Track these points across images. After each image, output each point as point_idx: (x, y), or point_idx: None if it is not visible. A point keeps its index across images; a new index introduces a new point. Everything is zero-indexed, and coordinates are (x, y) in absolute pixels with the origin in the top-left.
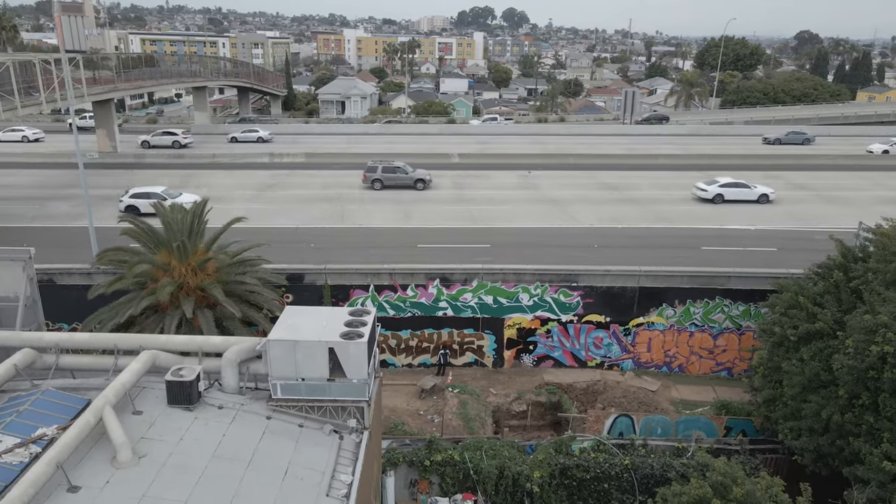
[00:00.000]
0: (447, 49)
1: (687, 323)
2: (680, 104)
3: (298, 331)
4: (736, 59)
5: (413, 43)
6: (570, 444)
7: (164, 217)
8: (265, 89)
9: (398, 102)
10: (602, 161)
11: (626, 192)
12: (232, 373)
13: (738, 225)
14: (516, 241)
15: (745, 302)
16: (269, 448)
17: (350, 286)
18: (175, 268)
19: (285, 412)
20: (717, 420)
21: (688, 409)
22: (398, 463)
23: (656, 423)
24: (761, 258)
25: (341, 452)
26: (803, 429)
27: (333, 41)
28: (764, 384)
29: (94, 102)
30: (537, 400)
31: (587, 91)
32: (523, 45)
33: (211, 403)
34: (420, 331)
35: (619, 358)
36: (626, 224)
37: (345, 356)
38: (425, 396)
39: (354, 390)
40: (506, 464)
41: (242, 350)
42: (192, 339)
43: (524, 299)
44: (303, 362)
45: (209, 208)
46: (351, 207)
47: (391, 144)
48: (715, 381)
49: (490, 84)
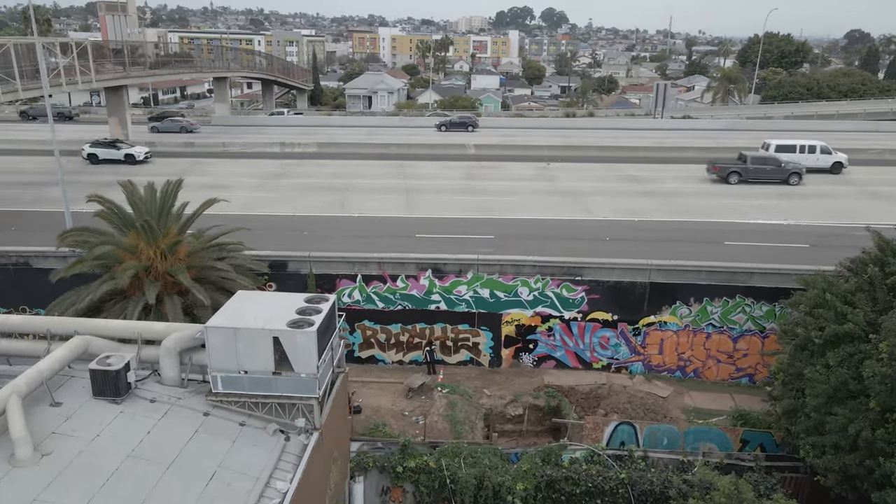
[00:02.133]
0: (482, 47)
1: (703, 323)
2: (717, 100)
3: (242, 317)
4: (781, 56)
5: (446, 40)
6: (561, 454)
7: (130, 196)
8: (290, 83)
9: (425, 98)
10: (625, 154)
11: (648, 185)
12: (171, 363)
13: (767, 219)
14: (522, 233)
15: (770, 301)
16: (198, 448)
17: (336, 275)
18: (143, 250)
19: (226, 408)
20: (731, 432)
21: (701, 418)
22: (368, 468)
23: (662, 432)
24: (791, 255)
25: (284, 456)
26: (827, 445)
27: (368, 39)
28: (784, 393)
29: (106, 90)
30: (535, 403)
31: (622, 88)
32: (560, 44)
33: (143, 396)
34: (411, 325)
35: (628, 360)
36: (644, 217)
37: (292, 347)
38: (412, 396)
39: (303, 386)
40: (486, 473)
41: (183, 338)
42: (131, 324)
43: (523, 293)
44: (245, 353)
45: (210, 197)
46: (355, 197)
47: (410, 136)
48: (734, 389)
49: (522, 81)
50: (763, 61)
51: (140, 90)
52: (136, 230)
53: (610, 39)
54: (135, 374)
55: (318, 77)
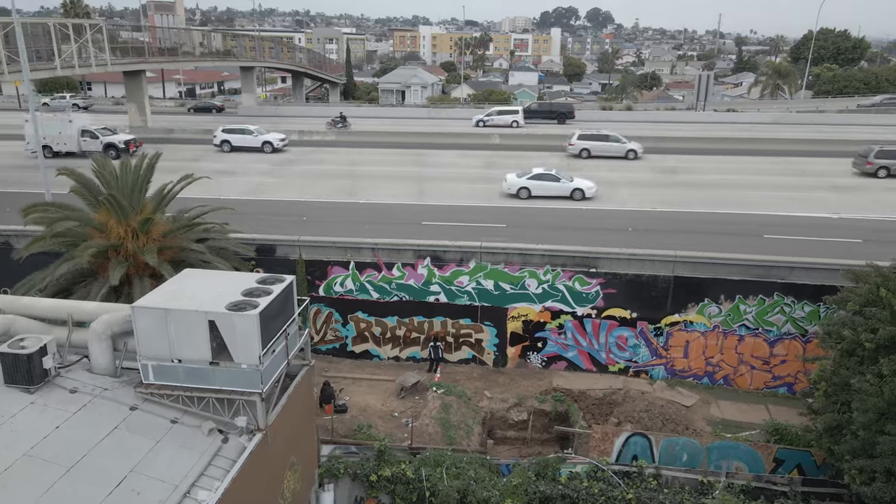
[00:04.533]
0: (522, 45)
1: (736, 324)
2: (765, 95)
3: (177, 297)
4: (836, 53)
5: (485, 37)
6: (559, 468)
7: (99, 170)
8: (321, 75)
9: (458, 92)
10: (660, 144)
11: (683, 176)
12: (100, 348)
13: (814, 212)
14: (537, 222)
15: (813, 301)
16: (113, 448)
17: (327, 262)
18: (112, 228)
19: (158, 402)
20: (763, 449)
21: (729, 431)
22: (339, 475)
23: (681, 446)
24: (839, 250)
25: (216, 460)
26: (878, 470)
27: (409, 38)
28: (826, 406)
29: (125, 75)
30: (540, 408)
31: (666, 85)
32: (604, 43)
33: (63, 386)
34: (408, 318)
35: (648, 363)
36: (675, 208)
37: (230, 333)
38: (405, 395)
39: (244, 379)
40: (470, 486)
41: (115, 320)
42: (60, 303)
43: (531, 286)
44: (178, 338)
45: (220, 183)
46: (366, 184)
47: (435, 127)
48: (769, 399)
49: (562, 78)
50: (817, 58)
51: (178, 84)
52: (106, 207)
53: (657, 40)
54: (53, 358)
55: (351, 71)
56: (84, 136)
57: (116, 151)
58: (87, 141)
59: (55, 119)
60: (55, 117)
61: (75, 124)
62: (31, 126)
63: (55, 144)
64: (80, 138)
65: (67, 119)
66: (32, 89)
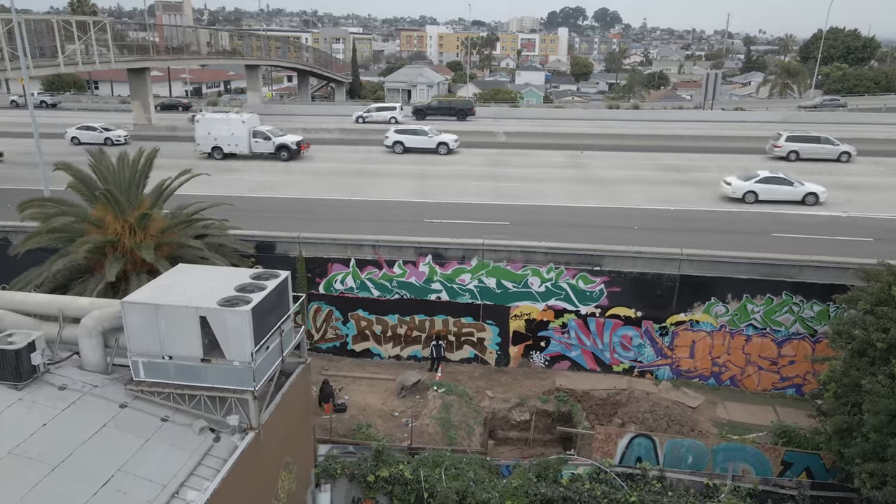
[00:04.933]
0: (529, 45)
1: (743, 324)
2: (774, 94)
3: (168, 292)
4: (846, 52)
5: (491, 37)
6: (560, 469)
7: (96, 165)
8: (326, 74)
9: (463, 91)
10: (667, 143)
11: (690, 174)
12: (91, 344)
13: (822, 211)
14: (542, 220)
15: (823, 301)
16: (101, 447)
17: (328, 259)
18: (109, 224)
19: (148, 400)
20: (771, 452)
21: (736, 433)
22: (336, 476)
23: (686, 448)
24: (849, 249)
25: (207, 459)
26: (889, 474)
27: (416, 38)
28: (836, 407)
29: (130, 72)
30: (543, 408)
31: (673, 85)
32: (612, 43)
33: (52, 382)
34: (409, 317)
35: (653, 364)
36: (681, 206)
37: (221, 329)
38: (405, 395)
39: (236, 377)
40: (469, 487)
41: (106, 316)
42: (52, 299)
43: (534, 284)
44: (168, 334)
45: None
46: (368, 181)
47: (440, 126)
48: (777, 401)
49: (569, 78)
50: (827, 57)
51: (184, 84)
52: (103, 202)
53: (664, 40)
54: (42, 355)
55: (357, 70)
56: (256, 137)
57: (289, 152)
58: (258, 142)
59: (227, 119)
60: (227, 118)
61: (247, 125)
62: (202, 126)
63: (226, 146)
64: (252, 139)
65: (240, 120)
66: (40, 88)
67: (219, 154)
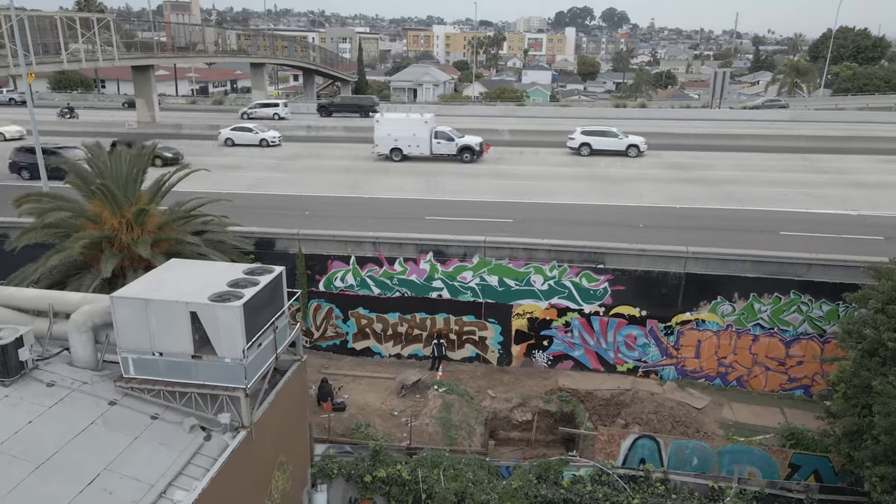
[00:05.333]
0: (536, 45)
1: (750, 323)
2: (782, 93)
3: (159, 287)
4: (856, 52)
5: (498, 36)
6: (561, 470)
7: (93, 160)
8: (331, 73)
9: (470, 90)
10: (673, 141)
11: (696, 172)
12: (81, 340)
13: (833, 209)
14: (545, 217)
15: (832, 300)
16: (87, 445)
17: (327, 256)
18: (106, 219)
19: (138, 397)
20: (778, 454)
21: (742, 435)
22: (333, 476)
23: (692, 450)
24: (860, 247)
25: (197, 458)
26: None
27: (423, 38)
28: (846, 409)
29: (134, 70)
30: (545, 408)
31: (681, 84)
32: (619, 43)
33: (41, 379)
34: (410, 315)
35: (658, 363)
36: (687, 204)
37: (212, 325)
38: (406, 394)
39: (227, 374)
40: (468, 489)
41: (96, 311)
42: (43, 294)
43: (537, 282)
44: (158, 330)
45: (226, 177)
46: (369, 178)
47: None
48: (785, 402)
49: (576, 77)
50: (836, 57)
51: (190, 83)
52: (99, 197)
53: (672, 39)
54: (30, 350)
55: (363, 69)
56: (438, 138)
57: (472, 154)
58: (440, 143)
59: (408, 120)
60: (408, 118)
61: (429, 125)
62: (381, 127)
63: (406, 147)
64: (434, 140)
65: (422, 120)
66: (47, 86)
67: (397, 156)
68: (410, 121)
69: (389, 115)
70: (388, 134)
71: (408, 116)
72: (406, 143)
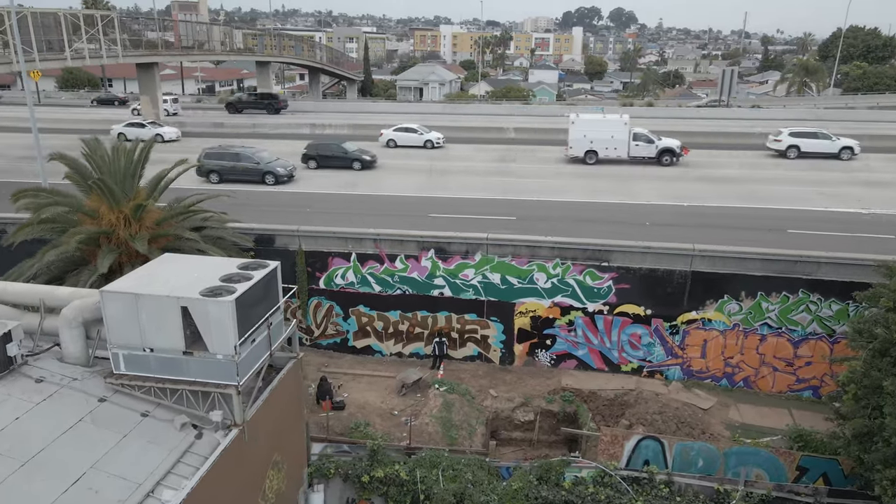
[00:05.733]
0: (544, 44)
1: (757, 323)
2: (791, 92)
3: (150, 282)
4: (866, 51)
5: (505, 35)
6: (562, 472)
7: (91, 154)
8: (337, 71)
9: (476, 90)
10: (682, 139)
11: (704, 170)
12: (72, 335)
13: (843, 208)
14: (549, 215)
15: (842, 299)
16: (75, 442)
17: (328, 253)
18: (104, 215)
19: (128, 394)
20: (786, 456)
21: (749, 437)
22: (330, 476)
23: (697, 452)
24: (871, 246)
25: (187, 457)
26: None
27: (430, 37)
28: (856, 410)
29: (139, 68)
30: (548, 408)
31: (689, 84)
32: (627, 42)
33: (30, 375)
34: (411, 313)
35: (663, 363)
36: (694, 202)
37: (204, 320)
38: (406, 393)
39: (219, 370)
40: (467, 490)
41: (87, 306)
42: (33, 288)
43: (540, 280)
44: (149, 325)
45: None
46: (374, 176)
47: (450, 121)
48: (793, 403)
49: (583, 77)
50: (846, 56)
51: (196, 82)
52: (97, 192)
53: (681, 39)
54: (19, 346)
55: (369, 69)
56: (636, 140)
57: (672, 157)
58: (639, 146)
59: (606, 121)
60: (605, 119)
61: (628, 126)
62: (577, 129)
63: (602, 149)
64: (632, 142)
65: (622, 121)
66: (54, 85)
67: (591, 159)
68: (608, 122)
69: (585, 115)
70: (583, 135)
71: (604, 117)
72: (603, 146)
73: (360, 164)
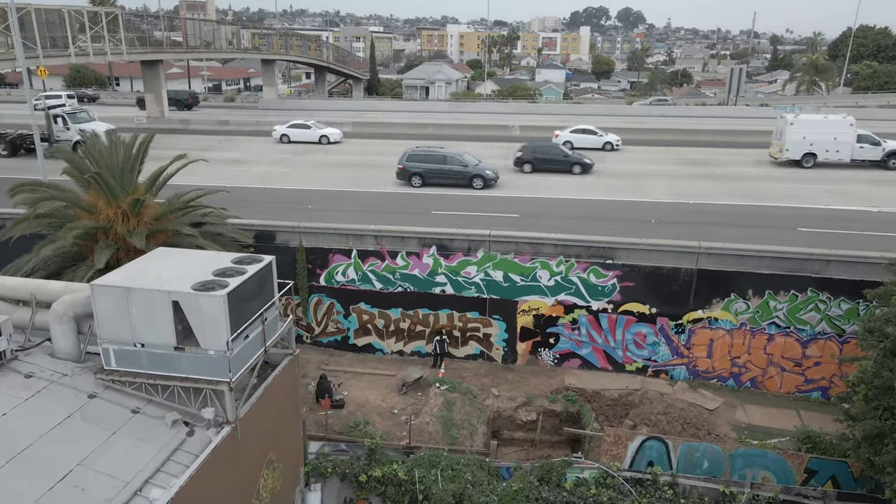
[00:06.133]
0: (551, 44)
1: (765, 322)
2: (801, 91)
3: (141, 276)
4: (877, 50)
5: (512, 34)
6: (564, 472)
7: (89, 149)
8: (343, 70)
9: (482, 89)
10: (688, 137)
11: (711, 168)
12: (62, 330)
13: (853, 206)
14: (553, 213)
15: (852, 298)
16: (62, 439)
17: (329, 250)
18: (101, 210)
19: (119, 390)
20: (794, 458)
21: (756, 438)
22: (327, 475)
23: (702, 453)
24: (881, 244)
25: (178, 455)
26: None
27: (437, 37)
28: (866, 411)
29: (143, 65)
30: (550, 408)
31: (697, 83)
32: (634, 42)
33: (19, 370)
34: (413, 311)
35: (668, 363)
36: (700, 200)
37: (195, 315)
38: (407, 391)
39: (211, 366)
40: (466, 490)
41: (78, 301)
42: (25, 283)
43: (543, 278)
44: (140, 320)
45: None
46: (376, 173)
47: (454, 119)
48: (801, 404)
49: (590, 76)
50: (856, 55)
51: (203, 80)
52: (94, 187)
53: (689, 39)
54: (9, 340)
55: (375, 67)
56: (861, 142)
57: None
58: (863, 148)
59: (829, 122)
60: (827, 119)
61: (854, 128)
62: (796, 130)
63: (823, 152)
64: (857, 145)
65: (847, 122)
66: (62, 83)
67: (808, 162)
68: (831, 122)
69: (805, 116)
70: (802, 137)
71: (826, 118)
72: (824, 148)
73: (580, 167)
